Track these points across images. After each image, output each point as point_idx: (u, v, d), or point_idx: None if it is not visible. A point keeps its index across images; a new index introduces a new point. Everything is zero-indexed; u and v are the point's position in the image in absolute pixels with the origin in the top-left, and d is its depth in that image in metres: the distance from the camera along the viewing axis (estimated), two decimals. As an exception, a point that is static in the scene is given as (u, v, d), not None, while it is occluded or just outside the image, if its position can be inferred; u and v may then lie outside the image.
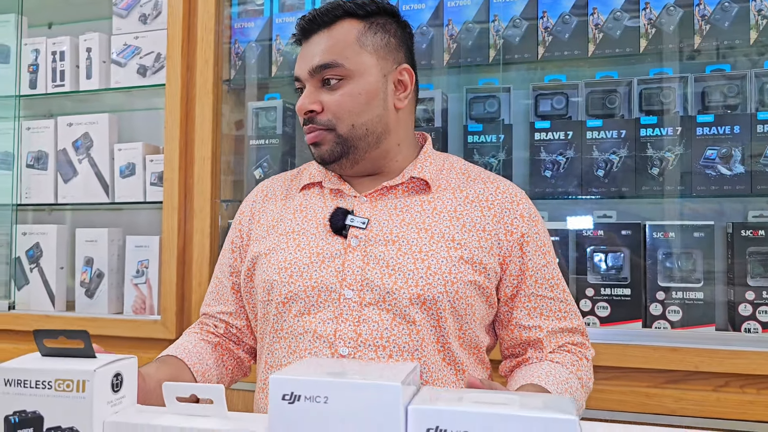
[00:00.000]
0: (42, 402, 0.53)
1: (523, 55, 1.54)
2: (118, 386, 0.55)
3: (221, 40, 1.76)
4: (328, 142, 1.02)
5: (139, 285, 1.81)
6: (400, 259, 0.98)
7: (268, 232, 1.08)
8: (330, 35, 1.03)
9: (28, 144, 1.93)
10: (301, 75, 1.04)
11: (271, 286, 1.01)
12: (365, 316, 0.96)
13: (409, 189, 1.06)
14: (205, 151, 1.73)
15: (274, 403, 0.49)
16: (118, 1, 1.86)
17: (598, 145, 1.48)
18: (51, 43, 1.92)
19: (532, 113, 1.55)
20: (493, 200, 1.05)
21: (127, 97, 1.97)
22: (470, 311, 0.99)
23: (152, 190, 1.82)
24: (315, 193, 1.10)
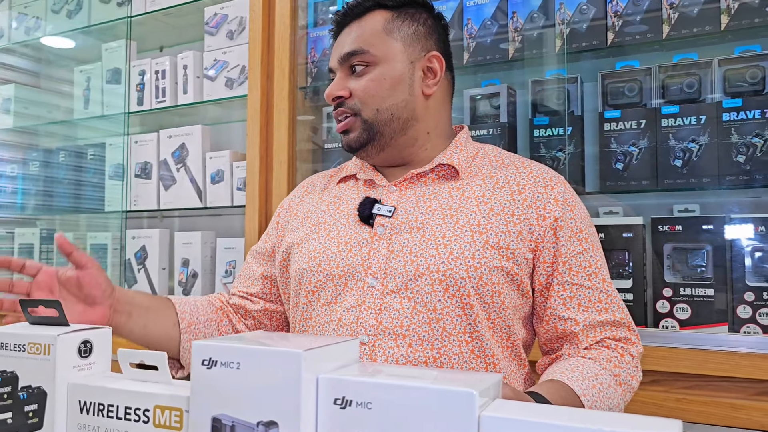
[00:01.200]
0: (18, 363, 0.59)
1: (591, 42, 1.46)
2: (86, 353, 0.60)
3: (297, 49, 1.84)
4: (355, 129, 1.05)
5: (227, 284, 1.92)
6: (423, 245, 0.97)
7: (302, 223, 1.12)
8: (359, 25, 1.07)
9: (136, 156, 2.13)
10: (332, 64, 1.08)
11: (302, 274, 1.04)
12: (387, 304, 0.96)
13: (437, 176, 1.05)
14: (282, 156, 1.80)
15: (195, 367, 0.50)
16: (209, 20, 2.00)
17: (675, 134, 1.37)
18: (154, 63, 2.11)
19: (602, 103, 1.46)
20: (525, 184, 1.01)
21: (218, 109, 2.11)
22: (498, 299, 0.96)
23: (238, 194, 1.93)
24: (350, 185, 1.13)
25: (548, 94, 1.52)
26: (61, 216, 2.36)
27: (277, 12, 1.83)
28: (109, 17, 2.21)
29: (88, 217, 2.30)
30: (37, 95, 2.48)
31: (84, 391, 0.56)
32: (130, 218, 2.19)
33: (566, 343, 0.99)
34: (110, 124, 2.21)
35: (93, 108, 2.24)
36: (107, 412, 0.55)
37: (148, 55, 2.25)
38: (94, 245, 2.19)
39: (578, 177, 1.46)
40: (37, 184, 2.36)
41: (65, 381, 0.57)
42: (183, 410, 0.52)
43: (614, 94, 1.45)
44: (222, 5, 1.98)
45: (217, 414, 0.49)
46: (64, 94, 2.38)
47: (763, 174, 1.29)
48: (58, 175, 2.31)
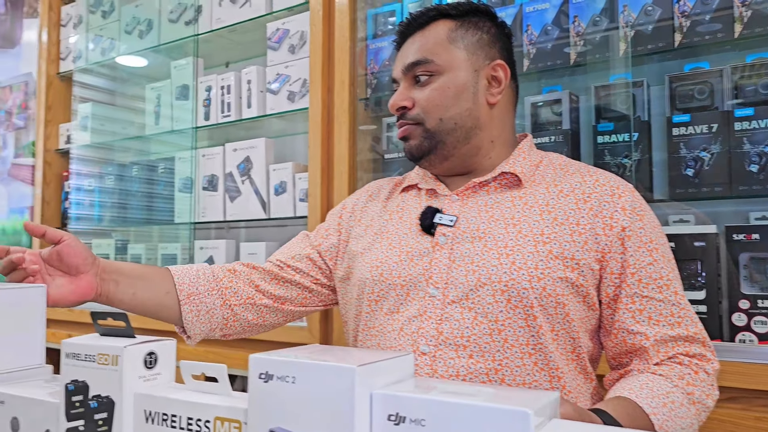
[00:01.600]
0: (89, 373, 0.61)
1: (657, 44, 1.41)
2: (151, 363, 0.62)
3: (356, 61, 1.86)
4: (417, 137, 1.05)
5: (290, 294, 1.96)
6: (485, 255, 0.96)
7: (365, 231, 1.12)
8: (423, 35, 1.07)
9: (203, 169, 2.20)
10: (396, 75, 1.09)
11: (364, 284, 1.05)
12: (447, 314, 0.95)
13: (500, 185, 1.04)
14: (343, 167, 1.82)
15: (252, 380, 0.51)
16: (271, 36, 2.06)
17: (750, 137, 1.30)
18: (220, 79, 2.18)
19: (670, 107, 1.41)
20: (591, 192, 0.98)
21: (281, 122, 2.16)
22: (563, 310, 0.93)
23: (301, 205, 1.97)
24: (412, 194, 1.13)
25: (613, 99, 1.48)
26: (134, 228, 2.47)
27: (336, 25, 1.86)
28: (177, 36, 2.30)
29: (159, 228, 2.39)
30: (113, 112, 2.61)
31: (149, 402, 0.58)
32: (198, 229, 2.26)
33: (636, 358, 0.95)
34: (179, 139, 2.30)
35: (163, 123, 2.34)
36: (170, 422, 0.57)
37: (214, 71, 2.33)
38: (165, 255, 2.28)
39: (646, 184, 1.41)
40: (112, 197, 2.48)
41: (132, 391, 0.60)
42: (241, 422, 0.53)
43: (683, 98, 1.40)
44: (283, 21, 2.02)
45: (273, 427, 0.50)
46: (137, 111, 2.49)
47: None
48: (132, 188, 2.41)
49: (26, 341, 0.77)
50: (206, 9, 2.21)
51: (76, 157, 2.55)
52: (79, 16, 2.61)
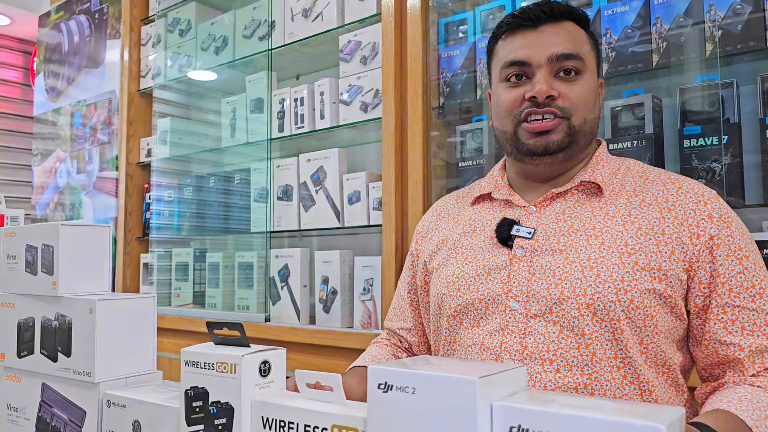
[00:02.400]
0: (209, 380, 0.64)
1: (747, 44, 1.36)
2: (266, 372, 0.64)
3: (429, 70, 1.87)
4: (560, 132, 0.99)
5: (365, 301, 1.98)
6: (567, 268, 0.94)
7: (438, 248, 1.12)
8: (564, 29, 1.02)
9: (278, 179, 2.26)
10: (535, 60, 1.00)
11: (441, 299, 1.05)
12: (531, 328, 0.94)
13: (579, 194, 1.02)
14: (417, 175, 1.84)
15: (371, 391, 0.53)
16: (343, 48, 2.09)
17: None
18: (293, 92, 2.23)
19: (762, 108, 1.36)
20: (675, 201, 0.96)
21: (355, 132, 2.19)
22: (651, 323, 0.91)
23: (374, 214, 1.99)
24: (485, 206, 1.11)
25: (699, 102, 1.43)
26: (211, 237, 2.55)
27: (408, 35, 1.88)
28: (251, 51, 2.37)
29: (235, 237, 2.47)
30: (190, 126, 2.71)
31: (267, 408, 0.61)
32: (273, 238, 2.32)
33: (729, 370, 0.92)
34: (254, 150, 2.37)
35: (239, 136, 2.41)
36: (288, 428, 0.59)
37: (287, 84, 2.39)
38: (241, 264, 2.34)
39: (737, 189, 1.36)
40: (191, 207, 2.57)
41: (249, 398, 0.62)
42: (359, 430, 0.55)
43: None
44: (355, 33, 2.06)
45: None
46: (213, 124, 2.58)
47: None
48: (209, 198, 2.50)
49: (139, 348, 0.81)
50: (279, 24, 2.27)
51: (156, 169, 2.66)
52: (158, 35, 2.73)
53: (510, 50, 1.03)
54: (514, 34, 1.03)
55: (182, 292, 2.55)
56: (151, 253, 2.65)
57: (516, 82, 1.02)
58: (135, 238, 2.75)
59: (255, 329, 2.19)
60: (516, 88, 1.02)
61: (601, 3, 1.58)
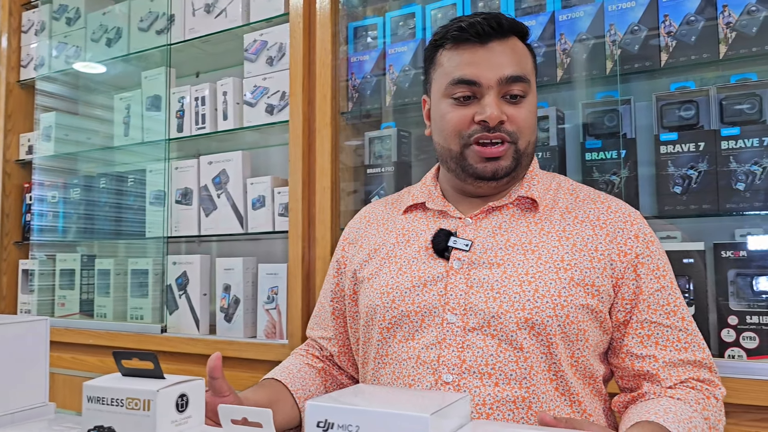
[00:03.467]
0: (116, 418, 0.57)
1: (644, 63, 1.43)
2: (183, 406, 0.58)
3: (338, 75, 1.84)
4: (508, 157, 0.99)
5: (270, 310, 1.91)
6: (506, 282, 0.94)
7: (370, 257, 1.09)
8: (512, 49, 1.00)
9: (177, 182, 2.14)
10: (485, 81, 0.97)
11: (374, 311, 1.02)
12: (469, 342, 0.93)
13: (515, 209, 1.02)
14: (325, 181, 1.79)
15: (309, 429, 0.49)
16: (248, 47, 2.01)
17: (736, 156, 1.33)
18: (194, 90, 2.12)
19: (657, 125, 1.44)
20: (605, 219, 0.99)
21: (259, 135, 2.11)
22: (582, 337, 0.93)
23: (280, 220, 1.93)
24: (418, 216, 1.09)
25: (600, 117, 1.50)
26: (101, 241, 2.37)
27: (317, 37, 1.83)
28: (147, 45, 2.23)
29: (128, 242, 2.31)
30: (77, 122, 2.51)
31: (186, 449, 0.55)
32: (170, 244, 2.19)
33: (647, 382, 0.95)
34: (150, 150, 2.23)
35: (133, 134, 2.26)
36: (210, 471, 0.53)
37: (186, 82, 2.27)
38: (135, 270, 2.20)
39: (634, 201, 1.43)
40: (78, 209, 2.38)
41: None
42: (293, 471, 0.51)
43: (670, 116, 1.42)
44: (261, 32, 1.99)
45: (335, 479, 0.47)
46: (104, 121, 2.40)
47: (830, 197, 1.25)
48: (99, 200, 2.32)
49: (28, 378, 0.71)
50: (179, 18, 2.15)
51: (39, 167, 2.44)
52: (42, 22, 2.50)
53: (457, 66, 0.99)
54: (460, 47, 0.99)
55: (67, 301, 2.35)
56: (31, 258, 2.43)
57: (464, 102, 0.99)
58: (13, 242, 2.51)
59: (150, 341, 2.05)
60: (464, 108, 0.99)
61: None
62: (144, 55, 2.27)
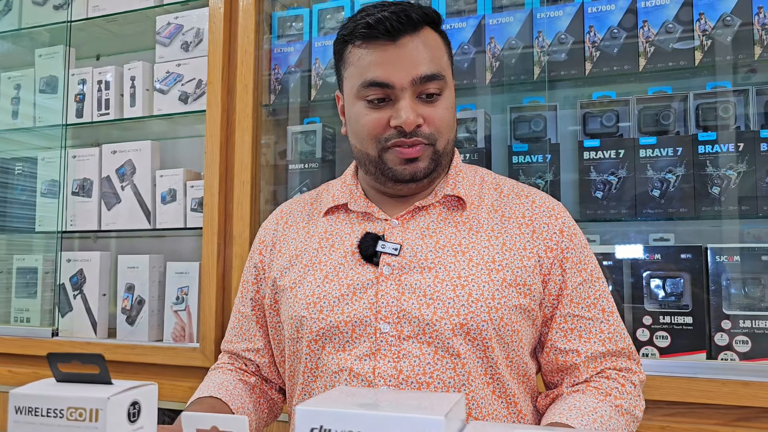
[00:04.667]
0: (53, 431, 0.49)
1: (569, 71, 1.48)
2: (135, 416, 0.51)
3: (261, 65, 1.76)
4: (426, 158, 0.94)
5: (179, 312, 1.79)
6: (438, 286, 0.91)
7: (291, 263, 1.02)
8: (424, 43, 0.94)
9: (74, 172, 1.96)
10: (399, 82, 0.92)
11: (301, 322, 0.95)
12: (405, 351, 0.89)
13: (441, 207, 0.99)
14: (245, 176, 1.71)
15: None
16: (161, 30, 1.88)
17: (653, 164, 1.40)
18: (97, 73, 1.96)
19: (581, 132, 1.48)
20: (531, 215, 0.98)
21: (169, 125, 1.98)
22: (517, 337, 0.92)
23: (193, 216, 1.81)
24: (340, 218, 1.03)
25: (527, 121, 1.53)
26: (-20, 236, 2.13)
27: (240, 25, 1.75)
28: (43, 21, 2.03)
29: (13, 237, 2.09)
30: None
31: (143, 465, 0.47)
32: (66, 239, 2.00)
33: (567, 376, 0.96)
34: (42, 137, 2.03)
35: (23, 118, 2.05)
36: (172, 488, 0.47)
37: (85, 63, 2.09)
38: (21, 269, 1.99)
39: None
40: (-47, 200, 2.12)
41: (115, 452, 0.48)
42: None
43: (593, 124, 1.47)
44: (176, 15, 1.87)
45: (332, 492, 0.42)
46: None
47: (735, 205, 1.34)
48: (-21, 190, 2.09)
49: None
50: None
51: None
52: None
53: (368, 66, 0.93)
54: (371, 45, 0.93)
55: (-64, 303, 2.09)
56: None
57: (378, 105, 0.94)
58: None
59: (38, 345, 1.86)
60: (378, 111, 0.94)
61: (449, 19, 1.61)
62: (37, 31, 2.06)
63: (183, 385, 1.69)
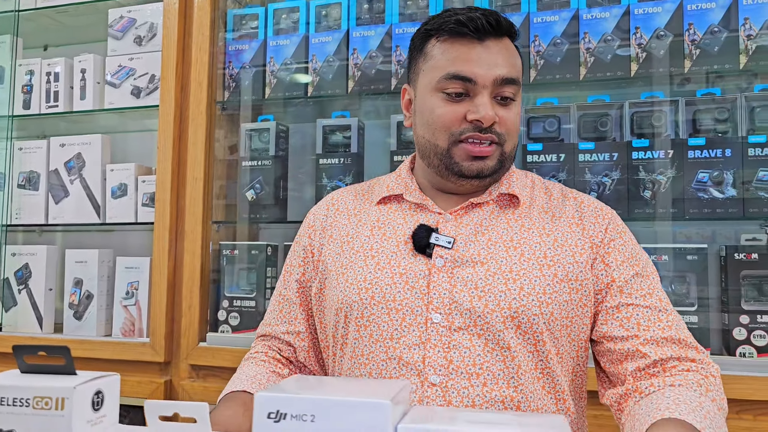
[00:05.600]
0: (19, 420, 0.51)
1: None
2: (98, 404, 0.53)
3: (215, 62, 1.77)
4: (495, 158, 0.98)
5: (128, 307, 1.79)
6: (490, 280, 0.93)
7: (342, 248, 1.03)
8: (507, 49, 0.98)
9: (20, 164, 1.92)
10: (481, 80, 0.95)
11: (350, 307, 0.96)
12: (455, 342, 0.91)
13: (494, 206, 1.02)
14: (197, 172, 1.72)
15: (259, 421, 0.47)
16: (113, 23, 1.87)
17: (591, 168, 1.49)
18: (46, 64, 1.93)
19: (525, 136, 1.56)
20: (579, 216, 1.01)
21: (120, 119, 1.97)
22: (566, 332, 0.93)
23: (144, 211, 1.81)
24: (393, 207, 1.05)
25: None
26: None
27: (195, 21, 1.75)
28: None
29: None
30: None
31: (108, 450, 0.51)
32: (10, 233, 1.97)
33: (629, 363, 0.92)
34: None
35: (-34, 108, 2.00)
36: (136, 472, 0.50)
37: (31, 54, 2.05)
38: (-37, 263, 1.94)
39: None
40: None
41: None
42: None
43: (536, 128, 1.55)
44: (129, 8, 1.86)
45: (287, 470, 0.47)
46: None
47: (665, 208, 1.44)
48: None
49: None
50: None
51: None
52: None
53: (453, 60, 0.96)
54: (456, 41, 0.97)
55: None
56: None
57: (456, 99, 0.97)
58: None
59: (-19, 341, 1.83)
60: (456, 104, 0.97)
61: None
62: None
63: (132, 380, 1.69)
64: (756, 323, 1.38)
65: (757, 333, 1.38)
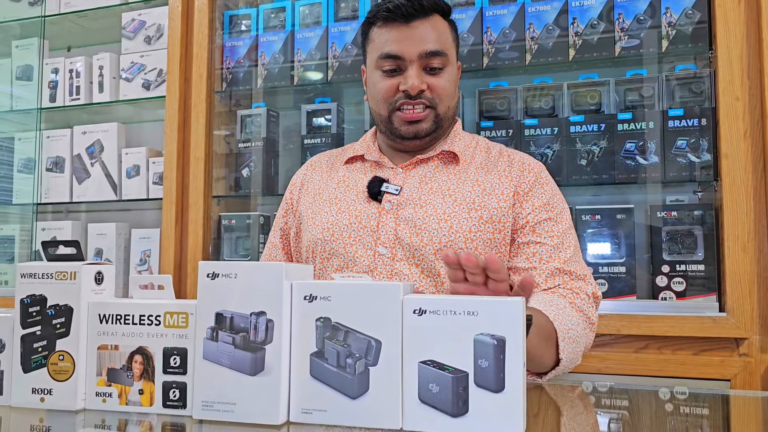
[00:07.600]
0: (46, 287, 0.76)
1: (470, 64, 1.77)
2: (100, 281, 0.78)
3: (214, 57, 2.03)
4: (429, 120, 1.17)
5: (142, 272, 2.05)
6: (426, 220, 1.13)
7: (314, 199, 1.26)
8: (432, 26, 1.17)
9: (48, 151, 2.20)
10: (408, 55, 1.15)
11: (315, 244, 1.20)
12: (397, 270, 1.13)
13: (439, 162, 1.21)
14: (199, 153, 1.97)
15: (202, 280, 0.71)
16: (126, 25, 2.13)
17: (535, 141, 1.71)
18: (68, 63, 2.20)
19: (478, 115, 1.78)
20: (510, 169, 1.20)
21: (134, 109, 2.24)
22: None
23: (154, 188, 2.07)
24: (357, 166, 1.27)
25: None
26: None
27: (195, 22, 2.01)
28: (19, 15, 2.27)
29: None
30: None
31: (103, 307, 0.75)
32: (41, 211, 2.25)
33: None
34: (20, 119, 2.26)
35: (1, 102, 2.28)
36: (123, 320, 0.74)
37: (57, 54, 2.33)
38: (0, 237, 2.23)
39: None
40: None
41: (87, 300, 0.76)
42: (189, 314, 0.73)
43: (489, 108, 1.77)
44: (140, 12, 2.12)
45: (219, 310, 0.71)
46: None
47: (598, 174, 1.66)
48: (-39, 167, 2.31)
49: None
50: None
51: None
52: None
53: (385, 42, 1.17)
54: (388, 25, 1.17)
55: None
56: None
57: (391, 74, 1.17)
58: None
59: (16, 304, 2.11)
60: (390, 78, 1.17)
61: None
62: (12, 24, 2.30)
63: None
64: (675, 272, 1.59)
65: (677, 280, 1.59)
